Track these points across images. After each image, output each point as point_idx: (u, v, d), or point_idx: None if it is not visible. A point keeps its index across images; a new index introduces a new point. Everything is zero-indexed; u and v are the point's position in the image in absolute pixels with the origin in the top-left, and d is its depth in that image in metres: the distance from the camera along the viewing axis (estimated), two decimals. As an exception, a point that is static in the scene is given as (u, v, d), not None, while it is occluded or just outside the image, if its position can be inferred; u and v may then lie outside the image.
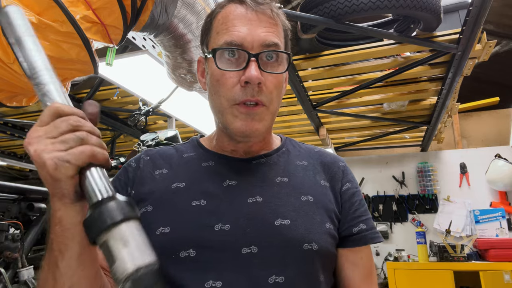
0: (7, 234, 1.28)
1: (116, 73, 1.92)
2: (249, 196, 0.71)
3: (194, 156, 0.80)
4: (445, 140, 4.70)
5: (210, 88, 0.75)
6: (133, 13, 1.15)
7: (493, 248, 3.63)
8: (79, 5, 1.02)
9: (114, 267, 0.44)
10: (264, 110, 0.71)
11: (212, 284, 0.63)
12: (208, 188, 0.72)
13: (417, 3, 1.90)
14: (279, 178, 0.75)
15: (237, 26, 0.70)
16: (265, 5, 0.73)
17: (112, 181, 0.77)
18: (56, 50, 0.99)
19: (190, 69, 1.50)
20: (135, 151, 2.14)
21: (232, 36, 0.69)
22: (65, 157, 0.49)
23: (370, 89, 2.95)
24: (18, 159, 4.70)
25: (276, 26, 0.73)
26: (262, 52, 0.69)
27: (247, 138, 0.72)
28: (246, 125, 0.70)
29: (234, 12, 0.72)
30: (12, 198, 1.42)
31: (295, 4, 3.81)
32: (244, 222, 0.67)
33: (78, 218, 0.53)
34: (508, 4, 3.55)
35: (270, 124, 0.75)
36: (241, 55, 0.70)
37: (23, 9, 0.61)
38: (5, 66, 0.96)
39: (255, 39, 0.69)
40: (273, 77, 0.71)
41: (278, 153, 0.80)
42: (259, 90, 0.69)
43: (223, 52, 0.70)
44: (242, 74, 0.69)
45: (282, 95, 0.76)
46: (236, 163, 0.76)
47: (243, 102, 0.69)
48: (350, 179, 0.81)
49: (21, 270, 1.29)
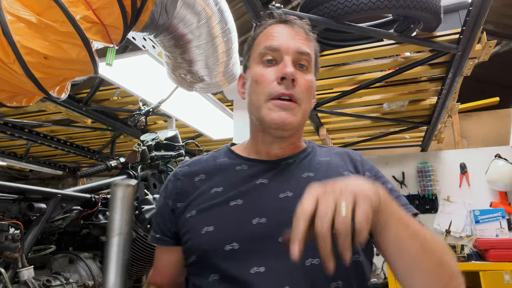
0: (7, 234, 1.27)
1: (116, 73, 1.93)
2: (280, 192, 0.79)
3: (227, 161, 0.89)
4: (445, 140, 4.70)
5: (249, 91, 0.85)
6: (133, 13, 1.15)
7: (493, 248, 3.62)
8: (79, 5, 1.02)
9: None
10: (296, 107, 0.80)
11: (256, 269, 0.72)
12: (242, 188, 0.81)
13: (417, 3, 1.90)
14: (306, 173, 0.83)
15: (276, 37, 0.83)
16: (301, 24, 0.86)
17: (158, 201, 0.93)
18: (56, 50, 0.99)
19: (190, 69, 1.50)
20: (135, 151, 2.14)
21: (272, 42, 0.82)
22: None
23: (370, 89, 2.95)
24: (18, 159, 4.70)
25: (309, 42, 0.86)
26: (296, 55, 0.81)
27: (280, 129, 0.80)
28: (280, 116, 0.78)
29: (274, 28, 0.85)
30: (12, 198, 1.41)
31: (295, 4, 3.81)
32: (278, 214, 0.75)
33: None
34: (508, 4, 3.55)
35: (301, 121, 0.83)
36: (278, 59, 0.81)
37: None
38: (5, 66, 0.96)
39: (290, 46, 0.81)
40: (304, 80, 0.81)
41: (304, 154, 0.89)
42: (293, 86, 0.79)
43: (263, 56, 0.82)
44: (278, 72, 0.79)
45: (311, 102, 0.86)
46: (267, 165, 0.85)
47: (278, 96, 0.78)
48: (369, 168, 0.90)
49: (21, 270, 1.29)
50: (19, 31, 0.95)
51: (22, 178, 6.28)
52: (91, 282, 1.56)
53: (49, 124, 3.71)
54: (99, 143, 4.52)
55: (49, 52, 0.98)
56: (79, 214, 1.67)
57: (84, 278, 1.55)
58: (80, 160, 5.30)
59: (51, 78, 1.04)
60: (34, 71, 0.97)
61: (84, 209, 1.69)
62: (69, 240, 1.79)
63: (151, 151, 2.25)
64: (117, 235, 0.67)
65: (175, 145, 2.22)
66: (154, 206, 1.69)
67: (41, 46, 0.97)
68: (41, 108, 3.25)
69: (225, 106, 2.59)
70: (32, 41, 0.96)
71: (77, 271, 1.56)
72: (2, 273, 1.22)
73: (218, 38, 1.44)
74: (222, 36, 1.45)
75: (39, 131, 3.97)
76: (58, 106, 3.13)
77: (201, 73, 1.53)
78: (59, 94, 1.15)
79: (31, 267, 1.32)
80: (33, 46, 0.96)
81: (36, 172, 6.18)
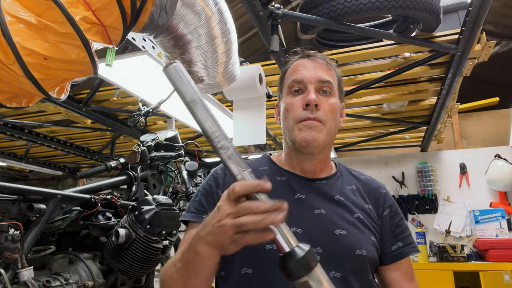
0: (7, 234, 1.27)
1: (116, 74, 1.93)
2: (315, 208, 0.91)
3: (268, 170, 1.00)
4: (445, 141, 4.70)
5: (282, 117, 0.99)
6: (132, 14, 1.15)
7: (493, 248, 3.63)
8: (78, 6, 1.03)
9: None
10: (321, 125, 0.92)
11: None
12: (283, 198, 0.88)
13: (417, 3, 1.90)
14: (337, 197, 0.95)
15: (300, 71, 0.97)
16: (322, 57, 0.99)
17: (203, 184, 0.99)
18: (56, 51, 1.00)
19: (189, 69, 1.51)
20: (135, 152, 2.14)
21: (297, 76, 0.96)
22: (237, 241, 0.65)
23: (370, 90, 2.96)
24: (18, 159, 4.70)
25: (330, 71, 0.98)
26: (318, 84, 0.94)
27: (309, 146, 0.91)
28: (307, 134, 0.91)
29: (299, 63, 0.99)
30: (12, 199, 1.41)
31: (295, 5, 3.81)
32: (313, 228, 0.87)
33: (216, 260, 0.71)
34: (507, 4, 3.55)
35: (326, 139, 0.94)
36: (303, 89, 0.95)
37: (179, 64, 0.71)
38: (5, 67, 0.96)
39: (312, 76, 0.95)
40: (328, 103, 0.94)
41: (335, 177, 1.00)
42: (316, 111, 0.92)
43: (291, 88, 0.96)
44: (303, 100, 0.92)
45: (337, 121, 0.97)
46: (304, 181, 0.96)
47: (305, 119, 0.91)
48: (390, 204, 1.00)
49: (21, 270, 1.29)
50: (18, 32, 0.95)
51: (22, 178, 6.28)
52: (91, 283, 1.56)
53: (49, 125, 3.71)
54: (99, 143, 4.52)
55: (49, 53, 0.98)
56: (78, 215, 1.67)
57: (83, 279, 1.55)
58: (80, 161, 5.30)
59: (51, 79, 1.05)
60: (34, 72, 0.98)
61: (83, 210, 1.69)
62: (69, 241, 1.79)
63: (151, 151, 2.25)
64: (191, 102, 0.67)
65: (175, 145, 2.22)
66: (154, 207, 1.69)
67: (40, 47, 0.97)
68: (41, 109, 3.25)
69: (225, 107, 2.59)
70: (31, 42, 0.96)
71: (76, 272, 1.56)
72: (2, 274, 1.22)
73: (218, 38, 1.44)
74: (221, 37, 1.45)
75: (39, 132, 3.96)
76: (58, 106, 3.13)
77: (201, 73, 1.53)
78: (58, 95, 1.15)
79: (31, 267, 1.32)
80: (33, 47, 0.96)
81: (36, 173, 6.18)
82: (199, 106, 0.68)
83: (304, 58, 1.00)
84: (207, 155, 4.63)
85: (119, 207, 1.85)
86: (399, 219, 1.00)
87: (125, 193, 2.16)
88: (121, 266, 1.65)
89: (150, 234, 1.65)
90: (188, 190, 2.28)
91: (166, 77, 0.69)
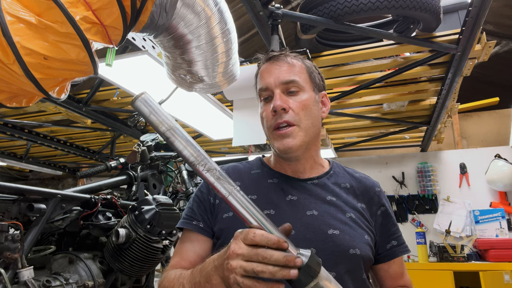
0: (7, 234, 1.27)
1: (116, 74, 1.93)
2: (307, 209, 0.91)
3: (260, 173, 1.01)
4: (445, 141, 4.70)
5: (262, 125, 0.99)
6: (132, 14, 1.15)
7: (493, 248, 3.63)
8: (79, 6, 1.03)
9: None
10: (295, 129, 0.91)
11: None
12: (274, 200, 0.92)
13: (417, 3, 1.90)
14: (329, 197, 0.95)
15: (265, 78, 0.97)
16: (284, 56, 0.98)
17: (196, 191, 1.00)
18: (56, 51, 1.00)
19: (189, 69, 1.50)
20: (135, 152, 2.14)
21: (262, 84, 0.97)
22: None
23: (370, 90, 2.96)
24: (18, 159, 4.70)
25: (293, 67, 0.96)
26: (283, 86, 0.93)
27: (286, 154, 0.93)
28: (282, 144, 0.91)
29: (263, 69, 0.99)
30: (12, 199, 1.41)
31: (295, 5, 3.81)
32: (305, 229, 0.87)
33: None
34: (507, 5, 3.55)
35: (304, 139, 0.93)
36: (271, 95, 0.95)
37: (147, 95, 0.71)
38: (5, 67, 0.96)
39: (276, 81, 0.94)
40: (297, 102, 0.92)
41: (327, 176, 1.00)
42: (286, 114, 0.91)
43: (261, 96, 0.98)
44: (271, 107, 0.92)
45: (315, 115, 0.96)
46: (295, 182, 0.96)
47: (276, 126, 0.92)
48: (384, 203, 1.01)
49: (21, 270, 1.29)
50: (19, 31, 0.95)
51: (22, 178, 6.28)
52: (91, 283, 1.56)
53: (49, 125, 3.71)
54: (99, 143, 4.52)
55: (49, 52, 0.98)
56: (79, 215, 1.67)
57: (84, 279, 1.55)
58: (80, 161, 5.30)
59: (51, 79, 1.05)
60: (34, 71, 0.98)
61: (84, 210, 1.69)
62: (69, 241, 1.79)
63: (151, 151, 2.25)
64: (168, 130, 0.67)
65: (175, 145, 2.22)
66: (154, 206, 1.69)
67: (40, 46, 0.97)
68: (41, 109, 3.25)
69: (225, 107, 2.59)
70: (31, 41, 0.96)
71: (76, 272, 1.56)
72: (2, 274, 1.22)
73: (218, 38, 1.44)
74: (221, 37, 1.45)
75: (39, 132, 3.96)
76: (58, 106, 3.13)
77: (201, 73, 1.53)
78: (58, 95, 1.15)
79: (31, 267, 1.32)
80: (33, 46, 0.96)
81: (36, 173, 6.18)
82: (177, 133, 0.67)
83: (266, 62, 1.00)
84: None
85: (119, 207, 1.85)
86: (392, 218, 1.01)
87: (125, 193, 2.16)
88: (121, 266, 1.65)
89: (150, 234, 1.65)
90: (188, 190, 2.28)
91: (137, 110, 0.69)
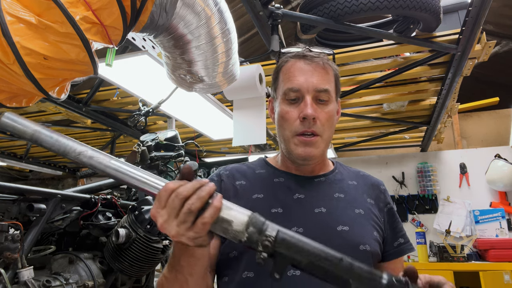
0: (7, 234, 1.27)
1: (116, 74, 1.92)
2: (315, 207, 0.90)
3: (265, 173, 0.99)
4: (445, 140, 4.70)
5: (277, 123, 0.96)
6: (132, 14, 1.15)
7: (493, 248, 3.63)
8: (79, 6, 1.03)
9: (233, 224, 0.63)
10: (319, 139, 0.91)
11: (292, 272, 0.81)
12: (282, 199, 0.91)
13: (417, 3, 1.90)
14: (337, 194, 0.94)
15: (296, 76, 0.92)
16: (319, 59, 0.94)
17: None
18: (56, 51, 1.00)
19: (189, 69, 1.50)
20: (135, 152, 2.14)
21: (293, 84, 0.91)
22: (196, 236, 0.63)
23: (370, 90, 2.96)
24: (18, 159, 4.69)
25: (327, 75, 0.94)
26: (315, 93, 0.90)
27: (306, 161, 0.92)
28: (304, 151, 0.90)
29: (294, 65, 0.94)
30: (12, 199, 1.41)
31: (295, 5, 3.81)
32: (314, 227, 0.86)
33: (207, 251, 0.73)
34: (507, 5, 3.55)
35: (324, 150, 0.94)
36: (300, 98, 0.91)
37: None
38: (5, 67, 0.96)
39: (309, 85, 0.90)
40: (324, 113, 0.91)
41: (333, 174, 0.99)
42: (314, 123, 0.89)
43: (286, 96, 0.92)
44: (300, 112, 0.90)
45: (334, 125, 0.96)
46: (302, 180, 0.95)
47: (302, 133, 0.90)
48: (389, 201, 1.01)
49: (21, 270, 1.29)
50: (18, 31, 0.95)
51: (22, 178, 6.28)
52: (91, 283, 1.56)
53: (49, 125, 3.71)
54: (99, 143, 4.52)
55: (49, 52, 0.98)
56: (79, 215, 1.67)
57: (84, 279, 1.55)
58: (80, 161, 5.29)
59: (51, 79, 1.05)
60: (34, 71, 0.98)
61: (84, 210, 1.69)
62: (69, 241, 1.79)
63: (151, 151, 2.25)
64: (35, 133, 0.68)
65: (175, 145, 2.22)
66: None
67: (40, 46, 0.97)
68: (41, 109, 3.25)
69: (225, 107, 2.59)
70: (31, 41, 0.96)
71: (77, 272, 1.56)
72: (2, 274, 1.22)
73: (218, 38, 1.44)
74: (221, 37, 1.45)
75: (39, 132, 3.96)
76: (58, 106, 3.13)
77: (201, 73, 1.53)
78: (58, 95, 1.14)
79: (31, 267, 1.32)
80: (33, 46, 0.96)
81: (36, 173, 6.18)
82: (45, 133, 0.68)
83: (300, 59, 0.95)
84: (207, 155, 4.63)
85: (119, 207, 1.85)
86: (397, 216, 1.01)
87: (125, 193, 2.16)
88: (121, 266, 1.65)
89: (150, 234, 1.65)
90: (188, 190, 2.28)
91: (3, 129, 0.70)
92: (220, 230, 0.64)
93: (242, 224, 0.63)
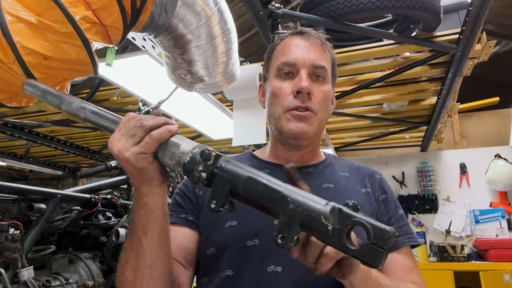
0: (7, 234, 1.27)
1: (116, 74, 1.92)
2: None
3: (250, 165, 0.93)
4: (445, 140, 4.70)
5: (268, 102, 0.90)
6: (132, 13, 1.15)
7: (493, 248, 3.63)
8: (79, 5, 1.02)
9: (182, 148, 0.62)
10: (313, 116, 0.84)
11: (273, 268, 0.76)
12: None
13: (417, 3, 1.90)
14: (326, 184, 0.89)
15: (292, 51, 0.86)
16: (316, 36, 0.90)
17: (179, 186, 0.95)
18: (56, 51, 1.00)
19: (190, 69, 1.50)
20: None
21: (288, 57, 0.86)
22: (140, 150, 0.60)
23: (370, 89, 2.95)
24: (18, 159, 4.70)
25: (325, 53, 0.89)
26: (312, 69, 0.84)
27: (297, 139, 0.85)
28: (296, 127, 0.83)
29: (290, 41, 0.89)
30: (12, 199, 1.41)
31: (295, 5, 3.81)
32: None
33: (161, 201, 0.67)
34: (508, 4, 3.55)
35: (317, 130, 0.87)
36: (294, 72, 0.85)
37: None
38: (4, 66, 0.96)
39: (306, 59, 0.85)
40: (320, 91, 0.85)
41: (323, 165, 0.94)
42: (308, 99, 0.83)
43: (280, 71, 0.86)
44: (294, 86, 0.83)
45: (328, 110, 0.90)
46: None
47: (295, 108, 0.83)
48: (386, 190, 0.94)
49: (21, 270, 1.29)
50: (18, 31, 0.95)
51: (22, 178, 6.28)
52: (91, 282, 1.56)
53: (49, 125, 3.71)
54: (99, 143, 4.52)
55: (49, 52, 0.98)
56: (79, 215, 1.67)
57: (84, 278, 1.55)
58: (80, 161, 5.30)
59: (51, 79, 1.04)
60: (34, 71, 0.97)
61: (84, 210, 1.69)
62: (69, 241, 1.79)
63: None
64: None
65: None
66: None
67: (40, 46, 0.97)
68: (41, 109, 3.25)
69: (225, 106, 2.59)
70: (31, 41, 0.96)
71: (77, 271, 1.56)
72: (2, 274, 1.22)
73: (218, 38, 1.44)
74: (221, 36, 1.45)
75: (39, 131, 3.96)
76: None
77: (201, 73, 1.53)
78: (58, 95, 1.14)
79: (31, 267, 1.32)
80: (33, 46, 0.96)
81: (36, 173, 6.18)
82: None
83: (297, 35, 0.89)
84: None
85: (119, 207, 1.85)
86: (394, 207, 0.93)
87: (125, 193, 2.16)
88: (121, 266, 1.65)
89: (150, 234, 1.65)
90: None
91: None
92: (168, 157, 0.62)
93: (190, 146, 0.62)
